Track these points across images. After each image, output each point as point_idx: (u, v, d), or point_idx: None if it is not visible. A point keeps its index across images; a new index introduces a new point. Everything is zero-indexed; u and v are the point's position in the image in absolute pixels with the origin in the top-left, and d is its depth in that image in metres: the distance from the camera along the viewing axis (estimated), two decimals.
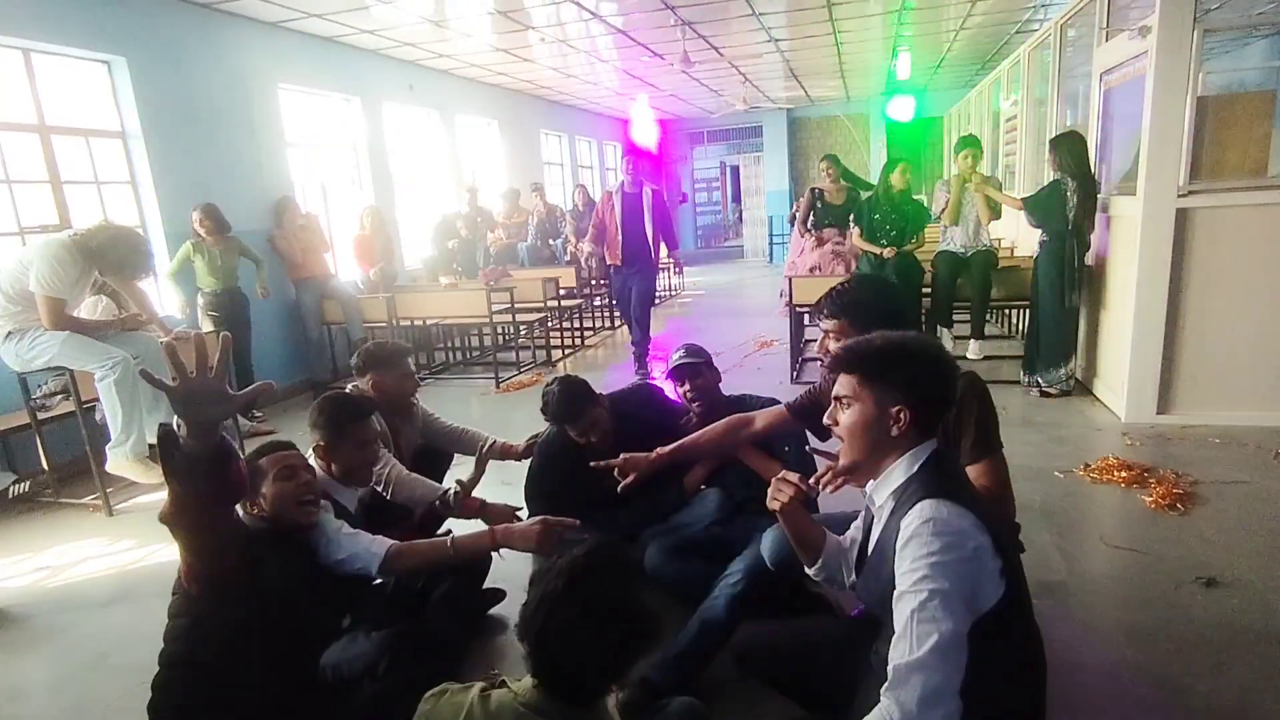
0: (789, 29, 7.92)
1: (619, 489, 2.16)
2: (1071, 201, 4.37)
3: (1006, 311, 6.60)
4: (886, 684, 1.19)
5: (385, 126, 7.66)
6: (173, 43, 5.29)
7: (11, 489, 4.03)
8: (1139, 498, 3.18)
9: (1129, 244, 4.13)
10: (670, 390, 2.88)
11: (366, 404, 2.25)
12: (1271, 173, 4.41)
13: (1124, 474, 3.38)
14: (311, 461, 2.06)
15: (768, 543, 2.03)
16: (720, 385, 2.75)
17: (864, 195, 5.93)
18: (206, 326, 5.00)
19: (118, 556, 3.30)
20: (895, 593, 1.24)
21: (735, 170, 16.52)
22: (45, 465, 3.93)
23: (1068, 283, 4.49)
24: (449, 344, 7.31)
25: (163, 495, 1.48)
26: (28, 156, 4.58)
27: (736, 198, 16.91)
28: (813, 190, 6.27)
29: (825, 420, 1.45)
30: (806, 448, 1.94)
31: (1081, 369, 4.87)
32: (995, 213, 5.26)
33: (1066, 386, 4.67)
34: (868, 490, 1.44)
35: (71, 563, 3.26)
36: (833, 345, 1.96)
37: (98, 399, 3.71)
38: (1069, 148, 4.43)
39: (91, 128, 4.98)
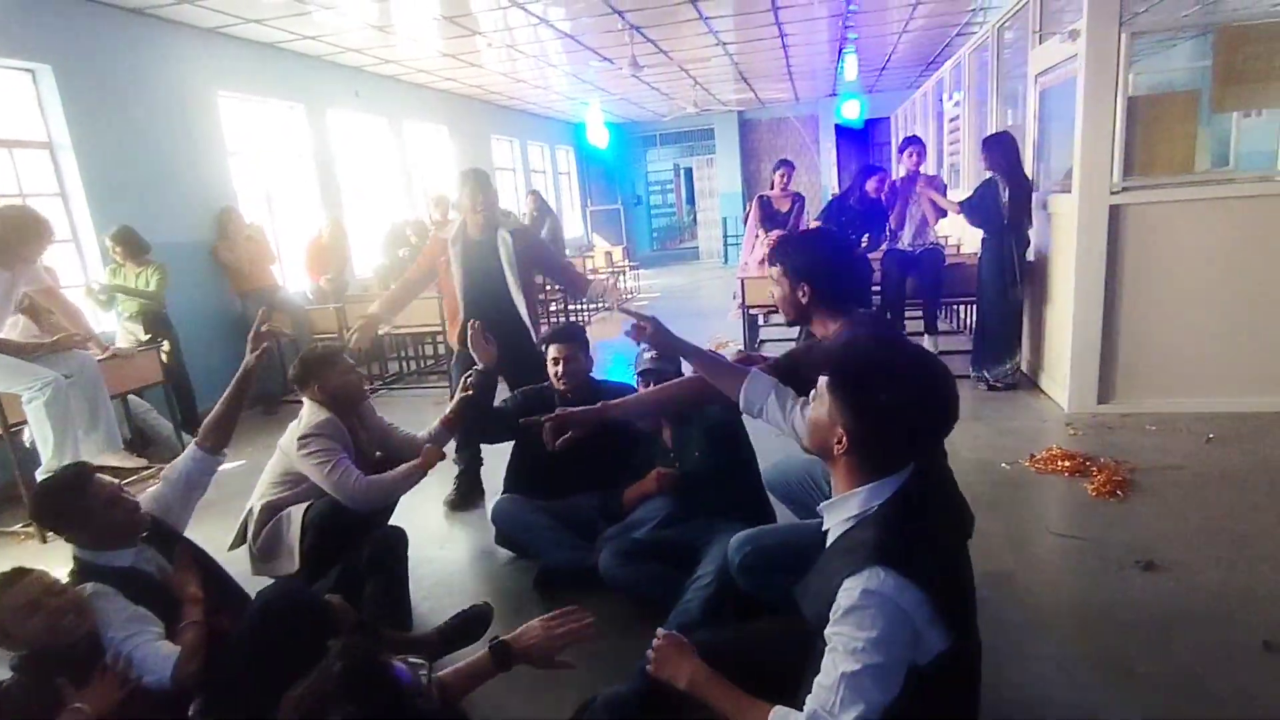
0: (736, 32, 8.00)
1: (556, 443, 2.19)
2: (1004, 199, 4.50)
3: (955, 307, 6.76)
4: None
5: (331, 133, 7.51)
6: (103, 50, 5.10)
7: None
8: (1082, 486, 3.28)
9: (1067, 240, 4.26)
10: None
11: (80, 473, 1.92)
12: (1199, 168, 4.60)
13: (1067, 463, 3.48)
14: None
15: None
16: None
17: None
18: (125, 344, 4.76)
19: None
20: (830, 639, 1.23)
21: (689, 172, 16.61)
22: None
23: (1008, 278, 4.62)
24: (402, 354, 7.20)
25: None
26: None
27: (691, 199, 17.01)
28: (760, 197, 6.36)
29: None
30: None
31: (1027, 362, 5.01)
32: (942, 212, 5.39)
33: (1012, 380, 4.80)
34: (820, 506, 1.41)
35: None
36: (775, 291, 2.03)
37: (25, 421, 3.55)
38: (1000, 148, 4.57)
39: (15, 138, 4.77)
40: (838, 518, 1.35)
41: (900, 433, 1.28)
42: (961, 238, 7.22)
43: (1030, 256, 4.75)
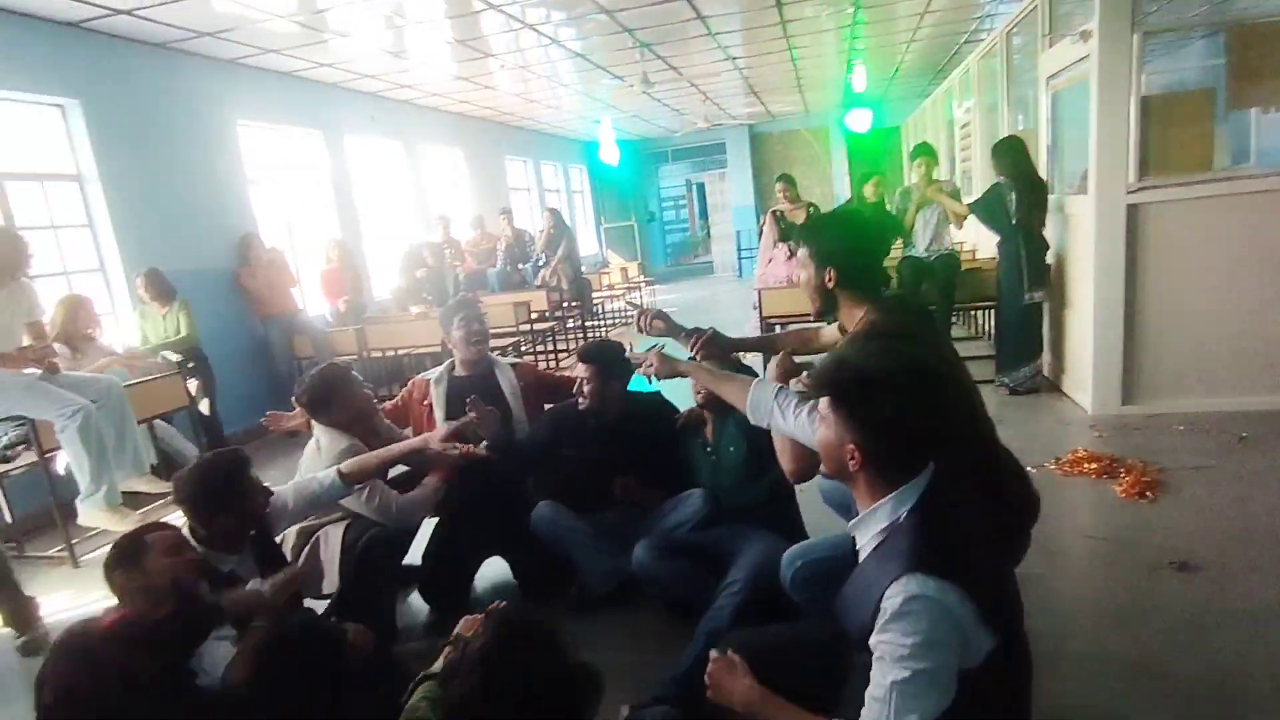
0: (745, 47, 8.06)
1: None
2: (1011, 202, 4.49)
3: (973, 313, 6.72)
4: None
5: (348, 159, 7.64)
6: (127, 83, 5.24)
7: None
8: (1109, 488, 3.24)
9: (1084, 242, 4.24)
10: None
11: (241, 457, 2.03)
12: (1217, 166, 4.57)
13: (1094, 466, 3.44)
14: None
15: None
16: None
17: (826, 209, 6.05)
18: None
19: (88, 609, 3.20)
20: (876, 648, 1.22)
21: (701, 187, 16.70)
22: (8, 518, 3.82)
23: (1023, 281, 4.58)
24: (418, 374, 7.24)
25: None
26: None
27: (704, 214, 17.07)
28: (773, 212, 6.38)
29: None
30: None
31: (1049, 365, 4.96)
32: (960, 216, 5.38)
33: (1034, 384, 4.76)
34: (850, 526, 1.40)
35: (40, 617, 3.15)
36: (800, 275, 1.98)
37: (57, 448, 3.63)
38: (1006, 153, 4.58)
39: (46, 171, 4.90)
40: (868, 533, 1.33)
41: (909, 436, 1.27)
42: (977, 243, 7.19)
43: (1049, 259, 4.72)
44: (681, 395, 2.76)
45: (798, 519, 2.57)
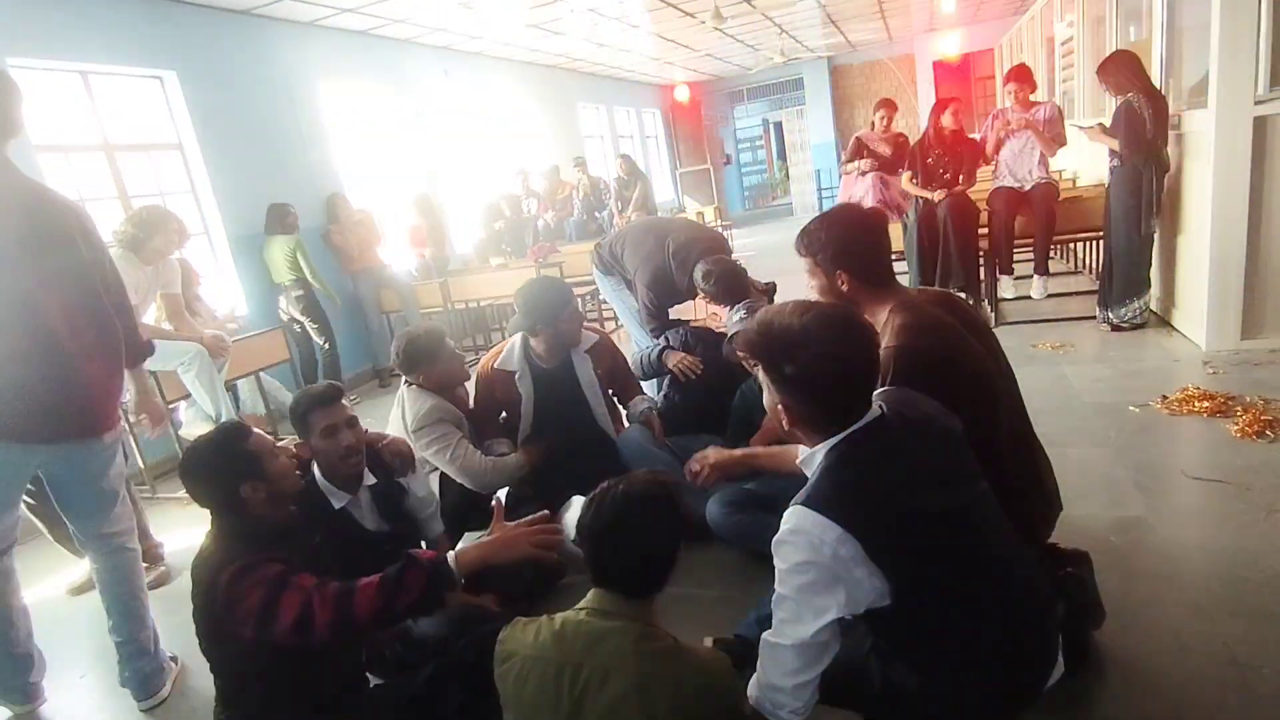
0: None
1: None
2: (1147, 120, 4.09)
3: (1072, 245, 6.31)
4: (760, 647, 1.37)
5: (426, 114, 7.76)
6: (217, 52, 5.46)
7: None
8: (1224, 427, 3.03)
9: (1201, 161, 3.88)
10: None
11: (329, 390, 2.12)
12: None
13: (1206, 404, 3.21)
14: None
15: None
16: None
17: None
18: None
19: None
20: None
21: (779, 126, 16.14)
22: (141, 463, 4.19)
23: (1145, 208, 4.22)
24: (503, 324, 7.43)
25: None
26: (96, 174, 4.82)
27: (781, 154, 16.55)
28: (858, 138, 6.10)
29: None
30: None
31: (1157, 299, 4.62)
32: (1060, 142, 5.03)
33: (1140, 319, 4.45)
34: (798, 462, 1.47)
35: (179, 550, 3.46)
36: (812, 284, 1.92)
37: (181, 399, 3.97)
38: (1128, 66, 4.17)
39: (151, 142, 5.20)
40: (809, 470, 1.41)
41: (818, 392, 1.33)
42: (1077, 171, 6.71)
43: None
44: None
45: None
